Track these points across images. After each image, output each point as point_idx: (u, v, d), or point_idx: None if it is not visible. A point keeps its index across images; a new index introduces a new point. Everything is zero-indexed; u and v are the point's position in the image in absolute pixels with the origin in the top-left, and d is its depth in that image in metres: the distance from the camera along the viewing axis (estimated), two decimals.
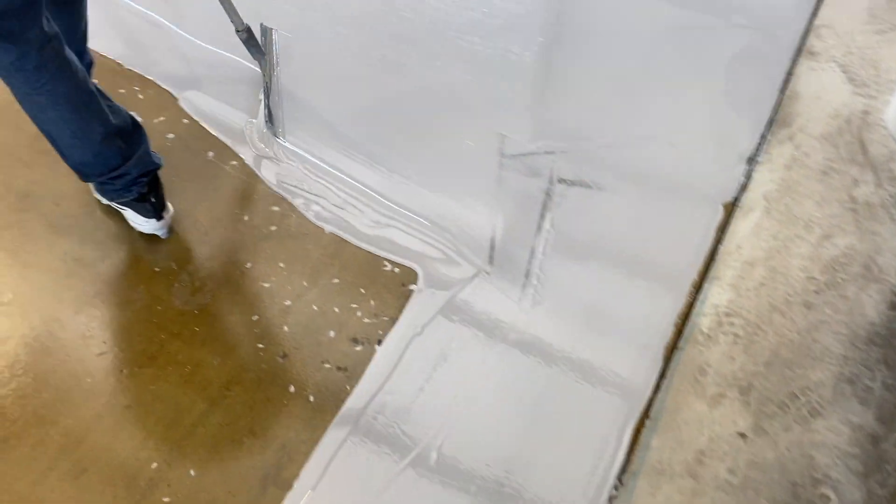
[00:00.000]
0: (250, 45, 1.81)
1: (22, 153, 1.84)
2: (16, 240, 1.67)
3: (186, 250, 1.68)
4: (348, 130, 1.95)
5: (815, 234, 1.74)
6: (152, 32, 2.20)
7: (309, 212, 1.78)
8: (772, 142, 1.93)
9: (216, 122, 1.96)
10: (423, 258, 1.71)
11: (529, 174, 1.89)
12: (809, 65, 2.12)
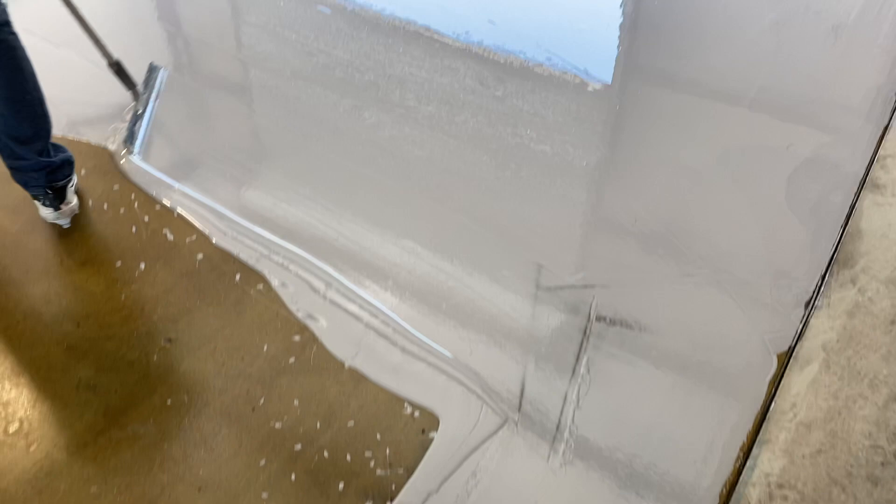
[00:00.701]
0: (121, 77, 2.26)
1: (51, 268, 1.83)
2: (34, 362, 1.64)
3: (201, 382, 1.61)
4: (370, 250, 1.90)
5: (882, 394, 1.57)
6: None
7: (330, 342, 1.70)
8: (832, 284, 1.79)
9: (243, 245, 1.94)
10: (447, 401, 1.61)
11: (567, 310, 1.78)
12: (874, 199, 1.98)
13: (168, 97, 2.43)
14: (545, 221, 1.99)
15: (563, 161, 2.18)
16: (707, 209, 2.02)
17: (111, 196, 2.01)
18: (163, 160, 2.15)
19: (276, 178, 2.11)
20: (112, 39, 2.26)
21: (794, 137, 2.23)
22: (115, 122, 2.29)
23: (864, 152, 2.12)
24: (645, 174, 2.14)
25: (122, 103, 2.36)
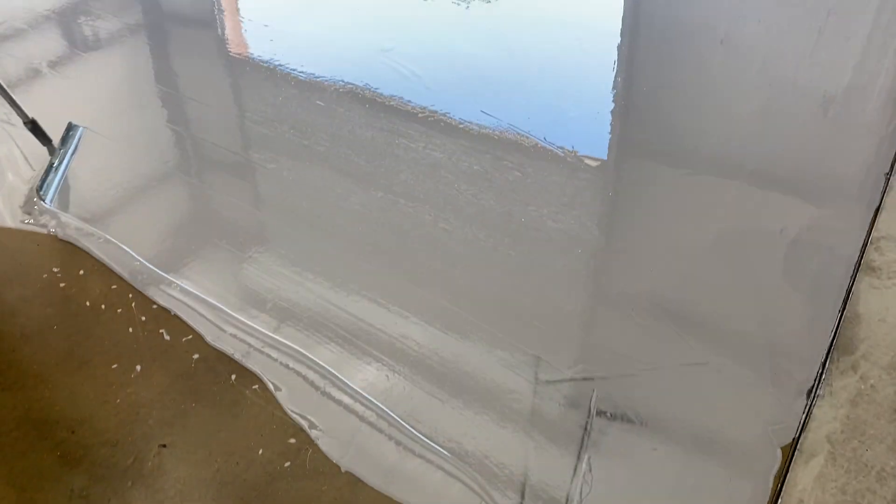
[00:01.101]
0: (36, 134, 2.46)
1: (47, 372, 1.83)
2: (26, 471, 1.62)
3: (196, 489, 1.59)
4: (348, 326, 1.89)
5: (891, 487, 1.54)
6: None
7: (325, 444, 1.68)
8: (833, 372, 1.77)
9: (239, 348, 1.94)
10: (446, 501, 1.57)
11: (566, 404, 1.76)
12: (870, 282, 1.98)
13: (163, 188, 2.48)
14: (542, 307, 1.99)
15: (559, 239, 2.19)
16: (705, 294, 2.02)
17: (109, 296, 2.02)
18: (151, 249, 2.17)
19: (269, 263, 2.12)
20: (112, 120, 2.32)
21: (788, 217, 2.24)
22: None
23: (858, 234, 2.14)
24: (641, 256, 2.15)
25: None
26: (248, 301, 2.03)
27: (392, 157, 2.56)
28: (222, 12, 3.76)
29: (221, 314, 1.98)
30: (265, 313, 1.99)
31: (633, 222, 2.30)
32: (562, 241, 2.21)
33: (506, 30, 3.44)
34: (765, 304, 1.97)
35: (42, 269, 2.10)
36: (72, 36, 3.59)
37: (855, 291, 1.96)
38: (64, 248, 2.18)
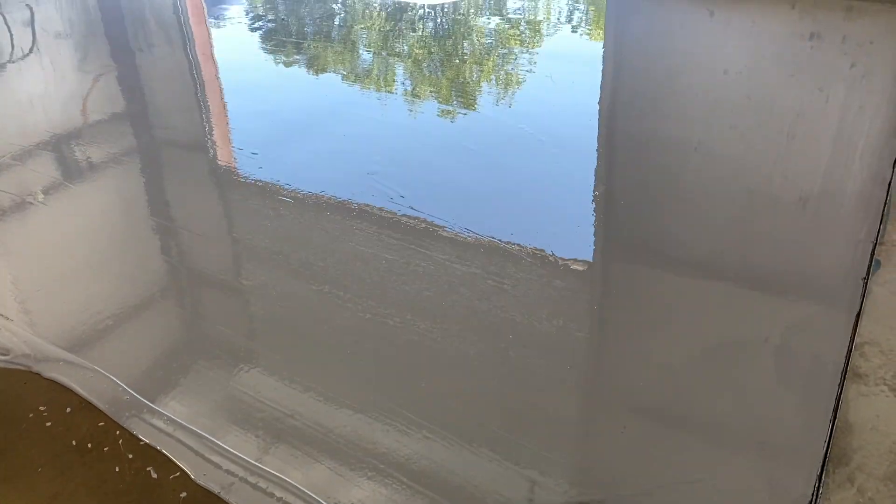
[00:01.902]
0: None
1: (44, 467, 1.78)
2: None
3: None
4: None
5: None
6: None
7: None
8: (830, 485, 1.75)
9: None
10: None
11: None
12: (858, 389, 1.99)
13: (152, 314, 2.49)
14: (533, 421, 1.97)
15: (548, 346, 2.20)
16: (696, 404, 2.02)
17: (95, 433, 1.99)
18: (139, 378, 2.16)
19: (259, 383, 2.11)
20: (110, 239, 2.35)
21: (772, 323, 2.28)
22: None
23: (842, 340, 2.16)
24: (631, 364, 2.15)
25: None
26: (236, 424, 2.01)
27: (381, 271, 2.61)
28: (214, 139, 3.89)
29: (207, 443, 1.95)
30: (255, 436, 1.97)
31: (621, 329, 2.33)
32: (551, 348, 2.23)
33: (487, 146, 3.58)
34: (756, 414, 1.97)
35: (28, 408, 2.08)
36: (65, 163, 3.69)
37: (844, 399, 1.96)
38: (50, 385, 2.17)
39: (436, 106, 4.12)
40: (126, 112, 4.38)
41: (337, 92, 4.42)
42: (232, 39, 5.73)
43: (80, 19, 6.38)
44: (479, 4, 6.04)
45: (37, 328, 2.44)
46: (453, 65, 4.78)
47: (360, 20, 5.93)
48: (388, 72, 4.78)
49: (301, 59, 5.02)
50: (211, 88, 4.75)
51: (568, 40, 5.25)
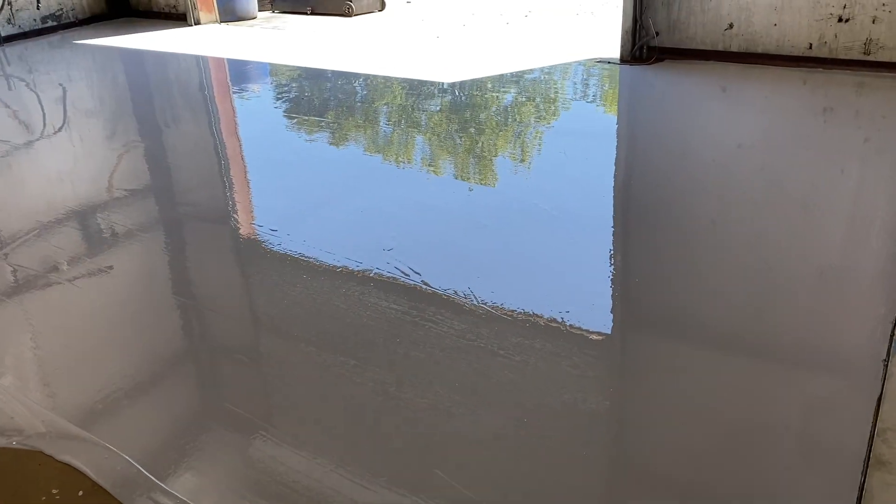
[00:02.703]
0: None
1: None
2: None
3: None
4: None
5: None
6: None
7: None
8: None
9: None
10: None
11: None
12: (882, 478, 1.93)
13: (168, 391, 2.50)
14: (553, 497, 1.94)
15: (567, 416, 2.18)
16: (715, 494, 1.97)
17: None
18: (151, 455, 2.15)
19: (275, 453, 2.09)
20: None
21: (793, 407, 2.24)
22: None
23: (864, 425, 2.12)
24: (648, 447, 2.12)
25: None
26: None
27: (395, 343, 2.61)
28: (236, 215, 3.98)
29: None
30: None
31: (637, 405, 2.30)
32: (566, 423, 2.21)
33: (502, 220, 3.62)
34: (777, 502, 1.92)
35: (41, 490, 2.08)
36: (89, 238, 3.77)
37: (868, 488, 1.91)
38: (64, 467, 2.17)
39: (451, 180, 4.19)
40: (150, 187, 4.50)
41: (355, 167, 4.52)
42: (256, 115, 5.90)
43: (110, 97, 6.61)
44: (497, 80, 6.20)
45: (54, 405, 2.45)
46: (469, 139, 4.88)
47: (381, 96, 6.09)
48: (407, 146, 4.88)
49: (321, 135, 5.15)
50: (234, 164, 4.87)
51: (583, 115, 5.35)
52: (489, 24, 8.15)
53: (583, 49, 6.85)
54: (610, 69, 6.14)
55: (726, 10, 5.66)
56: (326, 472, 2.11)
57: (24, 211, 4.16)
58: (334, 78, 6.60)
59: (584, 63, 6.51)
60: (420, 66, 6.73)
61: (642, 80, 5.80)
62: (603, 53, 6.54)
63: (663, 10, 5.88)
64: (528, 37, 7.45)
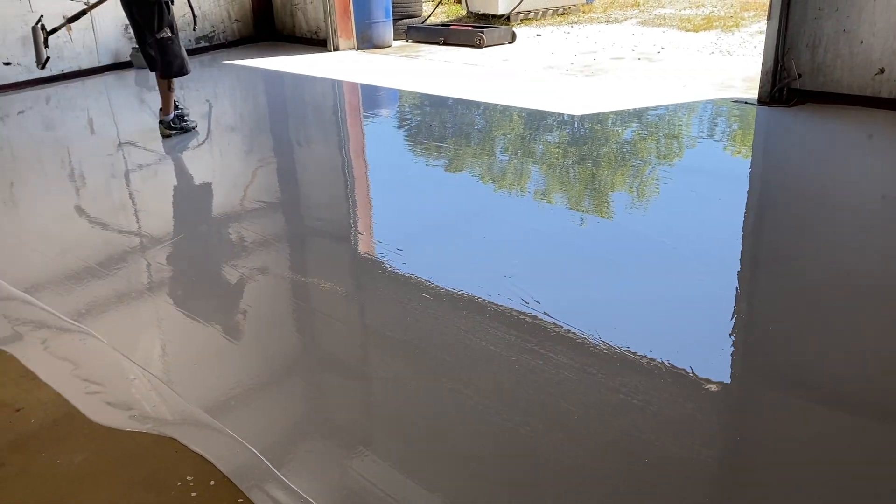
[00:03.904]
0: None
1: None
2: None
3: None
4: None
5: None
6: None
7: None
8: None
9: None
10: None
11: None
12: None
13: (286, 389, 2.60)
14: None
15: (673, 463, 2.10)
16: None
17: None
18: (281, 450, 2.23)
19: (376, 466, 2.13)
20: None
21: None
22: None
23: None
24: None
25: None
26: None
27: (511, 373, 2.61)
28: (360, 232, 4.12)
29: None
30: None
31: (756, 462, 2.19)
32: (676, 466, 2.13)
33: (626, 256, 3.56)
34: None
35: (177, 476, 2.20)
36: (222, 242, 4.00)
37: None
38: (197, 457, 2.29)
39: (574, 213, 4.17)
40: (282, 201, 4.73)
41: (478, 195, 4.59)
42: (382, 138, 6.10)
43: (251, 114, 7.02)
44: (622, 114, 6.14)
45: (189, 397, 2.60)
46: (591, 173, 4.85)
47: (499, 126, 6.16)
48: (525, 177, 4.91)
49: (442, 160, 5.26)
50: (360, 184, 5.05)
51: (712, 154, 5.21)
52: (619, 60, 8.10)
53: (716, 88, 6.69)
54: (745, 110, 5.96)
55: (878, 54, 5.38)
56: (428, 496, 2.14)
57: (166, 216, 4.47)
58: (458, 106, 6.74)
59: (717, 102, 6.35)
60: (542, 97, 6.77)
61: (780, 122, 5.59)
62: (738, 93, 6.36)
63: (807, 52, 5.66)
64: (659, 73, 7.34)
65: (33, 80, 8.16)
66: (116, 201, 4.80)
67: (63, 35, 8.25)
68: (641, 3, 12.78)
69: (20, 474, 2.26)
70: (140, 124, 6.77)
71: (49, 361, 2.86)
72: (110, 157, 5.71)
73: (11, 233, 4.34)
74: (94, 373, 2.77)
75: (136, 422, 2.48)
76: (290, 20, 9.87)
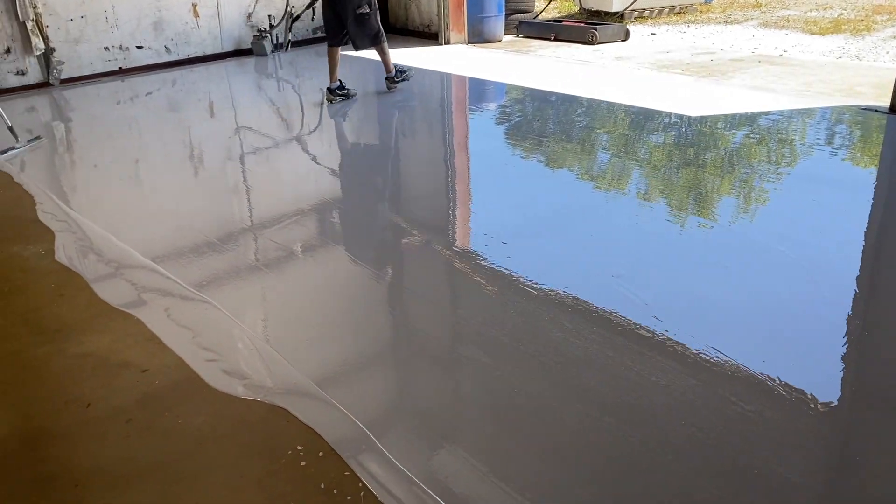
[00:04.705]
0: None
1: None
2: None
3: None
4: None
5: None
6: None
7: None
8: None
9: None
10: None
11: None
12: None
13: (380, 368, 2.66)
14: None
15: (782, 489, 2.02)
16: None
17: (342, 482, 2.13)
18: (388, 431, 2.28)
19: (461, 456, 2.14)
20: None
21: None
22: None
23: None
24: None
25: None
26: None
27: (612, 378, 2.57)
28: (465, 225, 4.15)
29: None
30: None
31: (874, 490, 2.07)
32: (785, 491, 2.05)
33: (740, 263, 3.44)
34: None
35: (287, 445, 2.29)
36: (325, 227, 4.12)
37: None
38: (307, 428, 2.37)
39: (687, 216, 4.06)
40: (386, 190, 4.82)
41: (585, 192, 4.53)
42: (485, 131, 6.11)
43: (361, 104, 7.18)
44: (741, 118, 5.92)
45: (301, 369, 2.69)
46: (703, 176, 4.70)
47: (606, 124, 6.06)
48: (632, 176, 4.81)
49: (545, 155, 5.22)
50: (462, 176, 5.08)
51: (831, 163, 4.94)
52: (738, 61, 7.80)
53: (843, 94, 6.34)
54: (874, 118, 5.63)
55: None
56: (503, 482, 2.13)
57: (279, 198, 4.64)
58: (566, 102, 6.67)
59: (843, 109, 6.02)
60: (651, 96, 6.60)
61: None
62: (867, 101, 6.01)
63: None
64: (781, 76, 7.03)
65: (162, 63, 8.63)
66: (231, 182, 5.02)
67: (191, 21, 8.69)
68: (763, 4, 12.27)
69: (146, 430, 2.41)
70: (256, 110, 7.05)
71: (172, 327, 3.03)
72: (228, 140, 5.97)
73: (137, 207, 4.61)
74: (213, 341, 2.92)
75: (249, 390, 2.59)
76: (404, 13, 10.02)
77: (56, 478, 2.23)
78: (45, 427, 2.45)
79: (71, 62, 8.05)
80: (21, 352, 2.89)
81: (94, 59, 8.20)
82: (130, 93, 7.81)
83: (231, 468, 2.22)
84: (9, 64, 7.71)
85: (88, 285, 3.41)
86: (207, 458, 2.27)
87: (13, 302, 3.30)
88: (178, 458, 2.28)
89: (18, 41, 7.68)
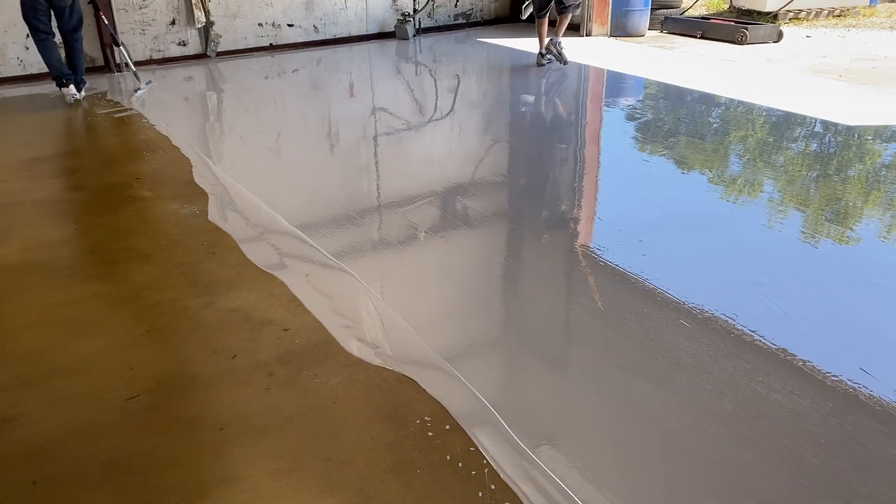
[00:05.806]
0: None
1: None
2: None
3: None
4: None
5: None
6: None
7: None
8: None
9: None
10: None
11: None
12: None
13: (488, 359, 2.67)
14: None
15: None
16: None
17: (467, 457, 2.18)
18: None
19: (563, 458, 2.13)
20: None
21: None
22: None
23: None
24: None
25: None
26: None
27: (755, 381, 2.48)
28: (600, 217, 4.09)
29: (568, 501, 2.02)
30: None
31: None
32: None
33: (889, 281, 3.22)
34: None
35: (415, 415, 2.36)
36: (447, 211, 4.16)
37: None
38: (434, 401, 2.44)
39: (832, 228, 3.83)
40: (512, 180, 4.82)
41: (723, 194, 4.37)
42: (619, 126, 5.98)
43: (494, 92, 7.21)
44: (883, 128, 5.50)
45: (432, 345, 2.76)
46: (854, 188, 4.41)
47: (738, 127, 5.79)
48: (777, 183, 4.58)
49: (687, 156, 5.05)
50: (592, 170, 5.01)
51: None
52: None
53: None
54: None
55: None
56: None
57: (408, 180, 4.74)
58: (711, 101, 6.42)
59: None
60: (796, 100, 6.25)
61: None
62: None
63: None
64: None
65: (309, 42, 9.01)
66: (364, 160, 5.18)
67: (340, 2, 8.99)
68: None
69: (285, 385, 2.55)
70: (393, 92, 7.23)
71: (311, 292, 3.18)
72: (364, 120, 6.16)
73: (279, 177, 4.85)
74: (349, 308, 3.04)
75: (381, 359, 2.68)
76: None
77: (203, 419, 2.40)
78: (195, 373, 2.64)
79: (227, 36, 8.54)
80: (177, 300, 3.12)
81: (249, 34, 8.66)
82: (278, 68, 8.20)
83: (363, 428, 2.31)
84: (173, 35, 8.28)
85: (237, 245, 3.63)
86: (341, 418, 2.37)
87: (171, 254, 3.56)
88: (314, 413, 2.40)
89: (182, 13, 8.23)
